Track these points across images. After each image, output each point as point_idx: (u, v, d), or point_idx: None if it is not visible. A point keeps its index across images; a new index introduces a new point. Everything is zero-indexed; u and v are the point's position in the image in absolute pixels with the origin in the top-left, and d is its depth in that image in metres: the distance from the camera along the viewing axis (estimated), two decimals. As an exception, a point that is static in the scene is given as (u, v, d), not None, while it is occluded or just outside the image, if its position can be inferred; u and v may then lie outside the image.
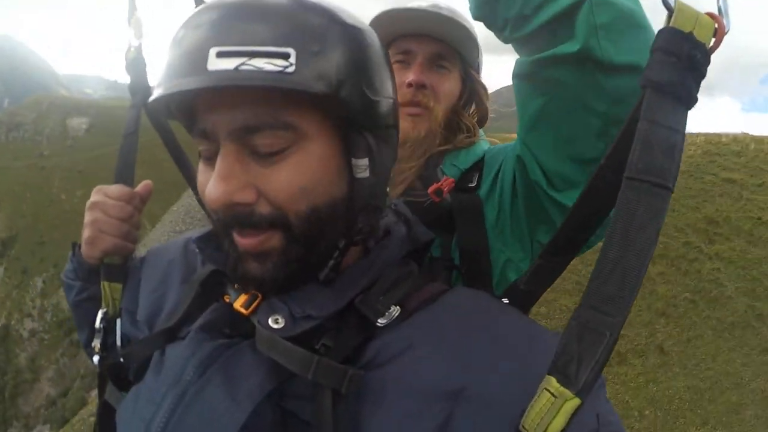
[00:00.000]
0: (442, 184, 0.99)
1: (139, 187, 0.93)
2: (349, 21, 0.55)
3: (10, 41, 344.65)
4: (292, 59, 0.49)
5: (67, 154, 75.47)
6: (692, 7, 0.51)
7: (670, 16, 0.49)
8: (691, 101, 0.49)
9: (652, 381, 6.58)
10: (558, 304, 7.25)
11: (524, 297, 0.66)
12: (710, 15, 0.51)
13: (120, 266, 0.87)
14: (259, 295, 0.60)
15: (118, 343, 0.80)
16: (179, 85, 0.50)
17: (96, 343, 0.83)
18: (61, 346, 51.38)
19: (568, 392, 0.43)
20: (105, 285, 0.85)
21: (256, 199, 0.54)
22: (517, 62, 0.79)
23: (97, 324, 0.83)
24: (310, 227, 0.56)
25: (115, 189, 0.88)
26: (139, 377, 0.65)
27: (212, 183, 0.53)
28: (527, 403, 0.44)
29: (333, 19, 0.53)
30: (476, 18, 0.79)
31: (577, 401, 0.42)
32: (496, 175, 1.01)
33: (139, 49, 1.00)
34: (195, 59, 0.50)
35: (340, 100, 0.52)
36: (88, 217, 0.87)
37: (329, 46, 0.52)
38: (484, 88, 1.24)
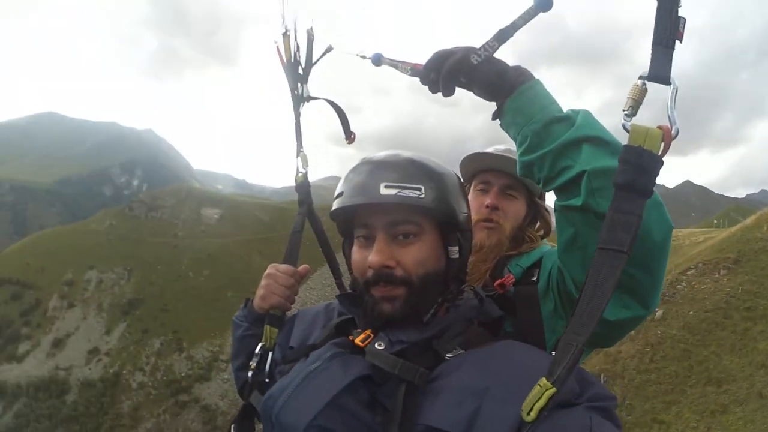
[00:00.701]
0: (505, 280, 1.49)
1: (300, 268, 1.61)
2: (443, 170, 1.20)
3: (154, 135, 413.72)
4: (423, 192, 1.10)
5: (199, 239, 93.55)
6: (643, 126, 0.88)
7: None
8: (646, 193, 0.87)
9: (750, 422, 9.11)
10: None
11: None
12: (660, 127, 0.87)
13: (280, 317, 1.51)
14: (372, 335, 1.11)
15: (266, 368, 1.41)
16: (363, 200, 1.12)
17: (252, 364, 1.43)
18: (165, 403, 62.50)
19: (549, 384, 0.79)
20: (267, 328, 1.48)
21: (395, 265, 1.12)
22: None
23: (257, 351, 1.45)
24: (422, 285, 1.12)
25: (284, 266, 1.57)
26: None
27: (372, 255, 1.12)
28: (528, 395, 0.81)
29: (436, 169, 1.17)
30: (521, 175, 1.19)
31: (553, 389, 0.78)
32: (549, 274, 1.41)
33: (305, 176, 1.78)
34: (371, 187, 1.11)
35: (442, 212, 1.14)
36: (263, 282, 1.55)
37: (435, 183, 1.14)
38: (548, 210, 1.82)
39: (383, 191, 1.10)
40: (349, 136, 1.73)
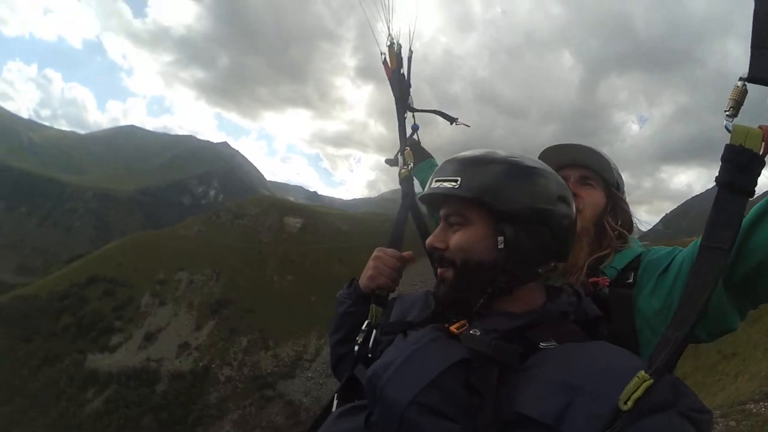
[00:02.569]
0: (600, 280, 1.52)
1: (405, 253, 1.76)
2: (498, 162, 1.24)
3: (229, 148, 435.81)
4: (459, 183, 1.22)
5: (282, 245, 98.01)
6: (744, 126, 0.93)
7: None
8: (747, 192, 0.93)
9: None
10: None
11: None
12: (761, 127, 0.92)
13: (384, 298, 1.63)
14: (467, 324, 1.18)
15: (370, 344, 1.50)
16: (422, 193, 1.38)
17: (359, 339, 1.52)
18: (251, 396, 65.85)
19: (647, 375, 0.85)
20: (373, 307, 1.60)
21: (445, 247, 1.26)
22: None
23: (363, 328, 1.56)
24: (463, 270, 1.22)
25: (390, 250, 1.72)
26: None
27: (429, 238, 1.30)
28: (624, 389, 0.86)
29: (482, 161, 1.25)
30: None
31: (651, 381, 0.84)
32: (663, 273, 1.39)
33: (409, 170, 2.00)
34: (430, 182, 1.31)
35: (482, 202, 1.20)
36: (371, 263, 1.69)
37: (477, 175, 1.22)
38: (626, 203, 1.82)
39: (433, 185, 1.28)
40: (454, 121, 2.15)
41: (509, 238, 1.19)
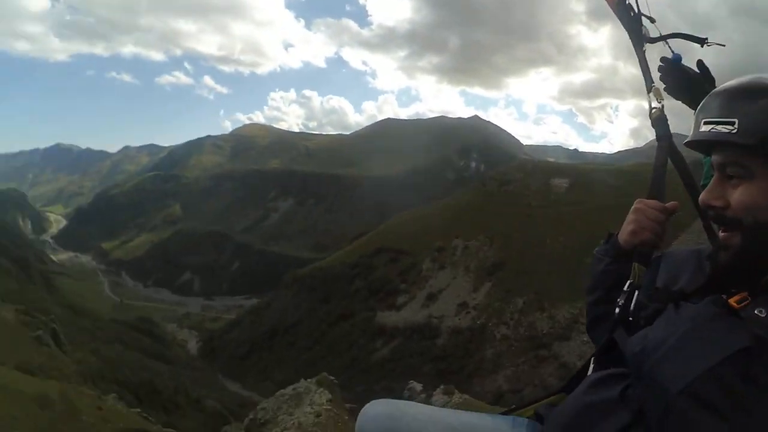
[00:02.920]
0: None
1: (669, 204, 1.47)
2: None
3: (480, 121, 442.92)
4: (736, 126, 1.00)
5: (551, 207, 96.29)
6: None
7: None
8: None
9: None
10: None
11: None
12: None
13: (648, 255, 1.41)
14: (750, 299, 1.00)
15: (631, 306, 1.33)
16: (689, 139, 1.14)
17: (621, 300, 1.36)
18: (525, 355, 66.95)
19: None
20: (635, 265, 1.39)
21: (725, 205, 1.04)
22: None
23: (625, 288, 1.37)
24: (756, 235, 0.99)
25: (652, 202, 1.46)
26: (648, 323, 1.16)
27: (703, 192, 1.10)
28: None
29: (759, 92, 1.01)
30: None
31: None
32: None
33: (661, 110, 1.68)
34: (696, 124, 1.10)
35: (765, 150, 0.98)
36: (632, 216, 1.47)
37: (760, 113, 0.98)
38: None
39: (702, 128, 1.07)
40: (704, 42, 1.74)
41: None
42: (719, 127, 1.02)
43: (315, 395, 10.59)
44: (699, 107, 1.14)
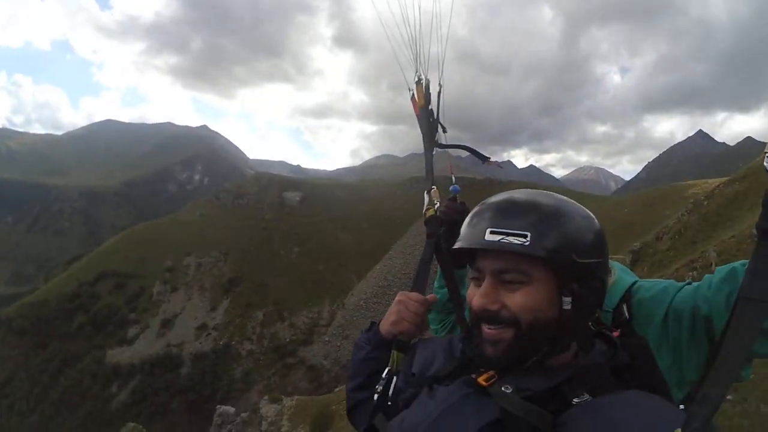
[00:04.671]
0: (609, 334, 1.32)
1: (430, 296, 1.64)
2: (565, 214, 1.14)
3: (208, 131, 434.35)
4: (528, 238, 1.08)
5: (285, 220, 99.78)
6: None
7: None
8: None
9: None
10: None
11: None
12: None
13: (406, 343, 1.52)
14: (496, 376, 1.10)
15: (390, 392, 1.40)
16: (470, 244, 1.16)
17: (379, 387, 1.43)
18: (274, 366, 68.54)
19: None
20: (394, 353, 1.50)
21: (500, 308, 1.12)
22: None
23: (384, 375, 1.46)
24: (530, 331, 1.10)
25: (414, 295, 1.60)
26: (406, 407, 1.22)
27: (477, 297, 1.14)
28: None
29: (555, 214, 1.13)
30: None
31: None
32: (663, 323, 1.31)
33: (436, 210, 1.85)
34: (478, 232, 1.15)
35: (553, 260, 1.09)
36: (394, 308, 1.59)
37: (549, 232, 1.10)
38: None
39: (488, 237, 1.13)
40: (486, 160, 2.06)
41: (577, 297, 1.12)
42: (511, 239, 1.09)
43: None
44: (477, 214, 1.20)
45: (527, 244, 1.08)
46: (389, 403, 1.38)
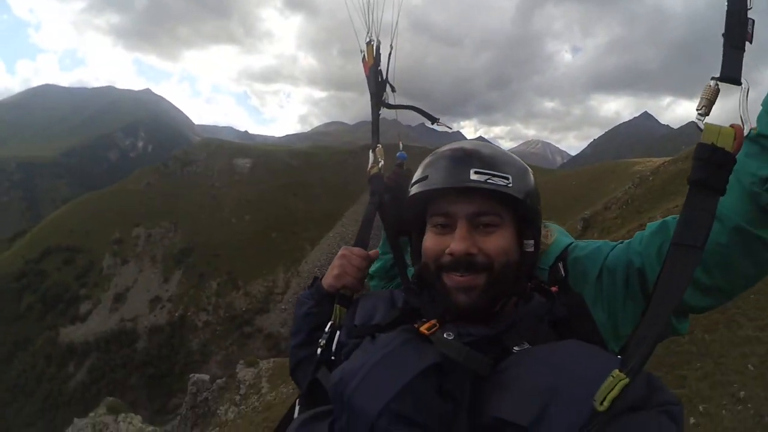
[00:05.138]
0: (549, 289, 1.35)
1: (372, 252, 1.66)
2: (524, 164, 1.24)
3: (152, 95, 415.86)
4: (510, 180, 1.15)
5: (235, 187, 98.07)
6: (716, 125, 0.94)
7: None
8: (718, 190, 0.94)
9: None
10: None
11: None
12: (733, 125, 0.93)
13: (349, 298, 1.54)
14: (438, 325, 1.12)
15: (333, 346, 1.40)
16: (453, 184, 1.16)
17: (322, 341, 1.43)
18: (231, 336, 68.92)
19: (622, 375, 0.83)
20: (337, 307, 1.52)
21: (477, 252, 1.14)
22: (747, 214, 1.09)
23: (326, 329, 1.46)
24: (503, 274, 1.15)
25: (357, 249, 1.62)
26: (347, 359, 1.18)
27: (455, 242, 1.15)
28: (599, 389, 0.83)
29: (523, 165, 1.23)
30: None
31: (627, 380, 0.82)
32: (598, 279, 1.34)
33: (380, 168, 1.84)
34: (461, 172, 1.16)
35: (526, 204, 1.17)
36: (337, 262, 1.59)
37: (523, 178, 1.19)
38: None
39: (473, 176, 1.14)
40: (436, 121, 2.11)
41: (537, 241, 1.23)
42: (495, 179, 1.14)
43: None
44: (448, 158, 1.21)
45: (510, 185, 1.14)
46: (332, 358, 1.38)
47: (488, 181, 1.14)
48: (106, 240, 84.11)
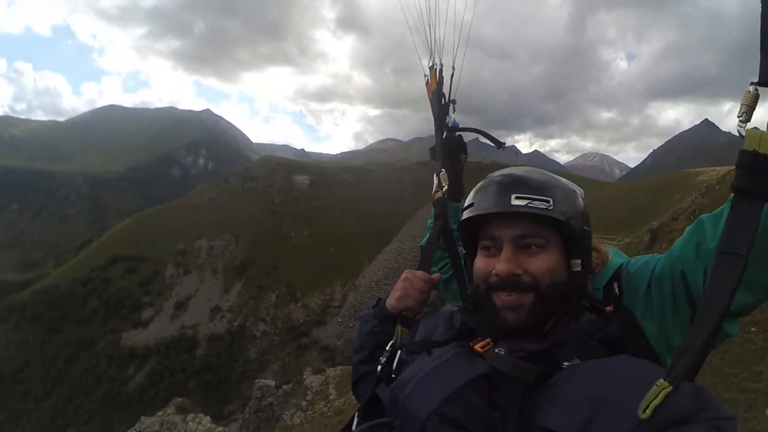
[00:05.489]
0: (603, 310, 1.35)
1: (434, 276, 1.74)
2: (571, 187, 1.30)
3: (212, 115, 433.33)
4: (551, 204, 1.19)
5: (294, 203, 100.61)
6: (757, 131, 0.94)
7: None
8: (762, 197, 0.94)
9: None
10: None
11: None
12: None
13: (410, 319, 1.58)
14: (492, 343, 1.18)
15: (393, 365, 1.43)
16: (497, 209, 1.22)
17: (383, 359, 1.47)
18: (288, 347, 69.96)
19: (665, 383, 0.84)
20: (399, 327, 1.56)
21: (523, 273, 1.19)
22: None
23: (387, 348, 1.51)
24: (550, 293, 1.19)
25: (420, 273, 1.68)
26: None
27: (500, 263, 1.20)
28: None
29: (567, 187, 1.27)
30: None
31: (670, 388, 0.83)
32: (647, 291, 1.33)
33: (444, 192, 1.88)
34: (503, 198, 1.22)
35: (569, 225, 1.21)
36: (400, 284, 1.65)
37: (564, 197, 1.23)
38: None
39: (514, 201, 1.21)
40: (501, 146, 2.10)
41: (584, 261, 1.26)
42: (536, 203, 1.20)
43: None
44: (492, 185, 1.28)
45: (551, 208, 1.19)
46: (393, 375, 1.41)
47: (529, 205, 1.19)
48: (169, 251, 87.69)
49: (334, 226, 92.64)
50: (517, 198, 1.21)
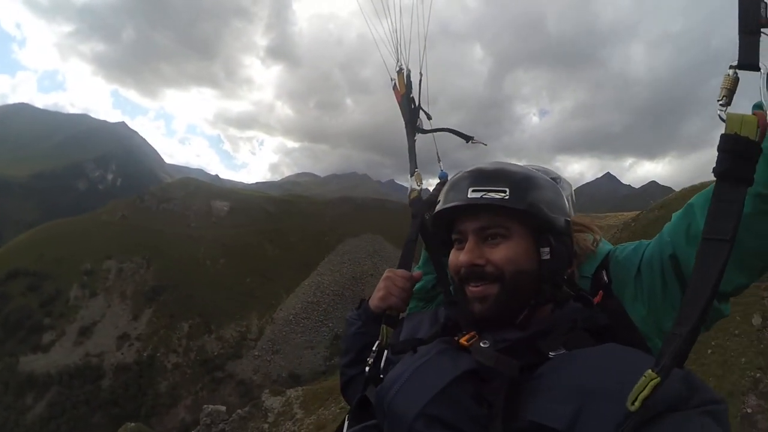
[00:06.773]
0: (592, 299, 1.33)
1: (415, 273, 1.74)
2: (536, 176, 1.27)
3: (127, 128, 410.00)
4: (507, 194, 1.19)
5: (212, 229, 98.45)
6: (737, 114, 0.90)
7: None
8: (746, 181, 0.90)
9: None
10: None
11: None
12: (755, 113, 0.89)
13: (395, 318, 1.59)
14: (477, 336, 1.17)
15: (381, 366, 1.43)
16: (453, 203, 1.26)
17: (370, 360, 1.48)
18: (201, 380, 68.33)
19: (653, 374, 0.82)
20: (384, 327, 1.57)
21: (485, 263, 1.21)
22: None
23: (374, 348, 1.53)
24: (514, 282, 1.19)
25: (401, 271, 1.69)
26: None
27: (463, 255, 1.23)
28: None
29: (527, 176, 1.25)
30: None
31: (658, 379, 0.81)
32: (637, 276, 1.29)
33: (419, 192, 1.86)
34: (460, 192, 1.25)
35: (529, 214, 1.20)
36: (382, 284, 1.66)
37: (524, 189, 1.21)
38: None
39: (470, 194, 1.23)
40: (470, 139, 2.07)
41: (554, 249, 1.22)
42: (491, 194, 1.20)
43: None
44: (456, 181, 1.32)
45: (507, 197, 1.20)
46: (381, 376, 1.40)
47: (484, 196, 1.21)
48: (75, 270, 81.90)
49: (252, 256, 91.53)
50: (473, 191, 1.23)
